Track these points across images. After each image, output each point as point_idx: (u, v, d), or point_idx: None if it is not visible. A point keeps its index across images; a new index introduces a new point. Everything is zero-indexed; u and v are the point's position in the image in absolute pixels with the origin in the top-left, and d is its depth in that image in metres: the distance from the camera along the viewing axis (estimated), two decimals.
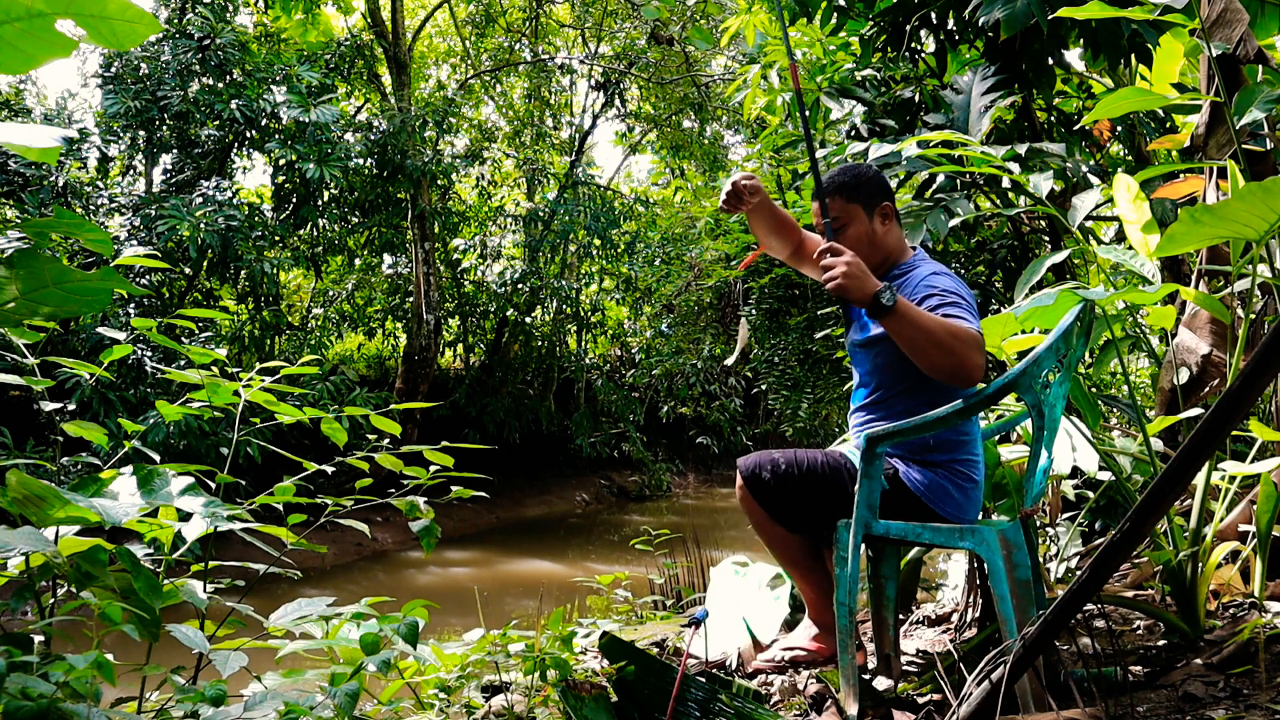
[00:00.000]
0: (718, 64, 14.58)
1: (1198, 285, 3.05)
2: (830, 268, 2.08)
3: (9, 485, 1.20)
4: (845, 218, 2.39)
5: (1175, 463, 1.34)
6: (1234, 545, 2.43)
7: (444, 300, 12.88)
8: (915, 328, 2.05)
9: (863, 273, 2.06)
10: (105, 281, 1.28)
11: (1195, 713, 1.89)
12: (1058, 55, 3.85)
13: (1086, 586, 1.46)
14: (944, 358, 2.05)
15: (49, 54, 1.11)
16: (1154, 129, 4.51)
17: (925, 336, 2.05)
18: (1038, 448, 2.04)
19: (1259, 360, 1.23)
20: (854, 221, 2.39)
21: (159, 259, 5.01)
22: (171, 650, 1.41)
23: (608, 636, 1.79)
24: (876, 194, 2.42)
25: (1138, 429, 2.67)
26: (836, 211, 2.40)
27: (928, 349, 2.06)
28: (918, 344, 2.06)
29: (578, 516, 12.78)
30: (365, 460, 1.83)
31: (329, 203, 10.93)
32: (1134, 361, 5.35)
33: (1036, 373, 2.03)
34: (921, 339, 2.05)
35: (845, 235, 2.37)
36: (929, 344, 2.05)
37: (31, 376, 1.53)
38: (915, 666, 2.60)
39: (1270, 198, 1.85)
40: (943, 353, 2.04)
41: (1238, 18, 2.82)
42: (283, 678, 1.50)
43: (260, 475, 8.19)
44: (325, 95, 10.06)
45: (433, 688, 1.91)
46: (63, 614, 1.34)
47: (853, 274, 2.06)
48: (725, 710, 1.66)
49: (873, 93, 4.33)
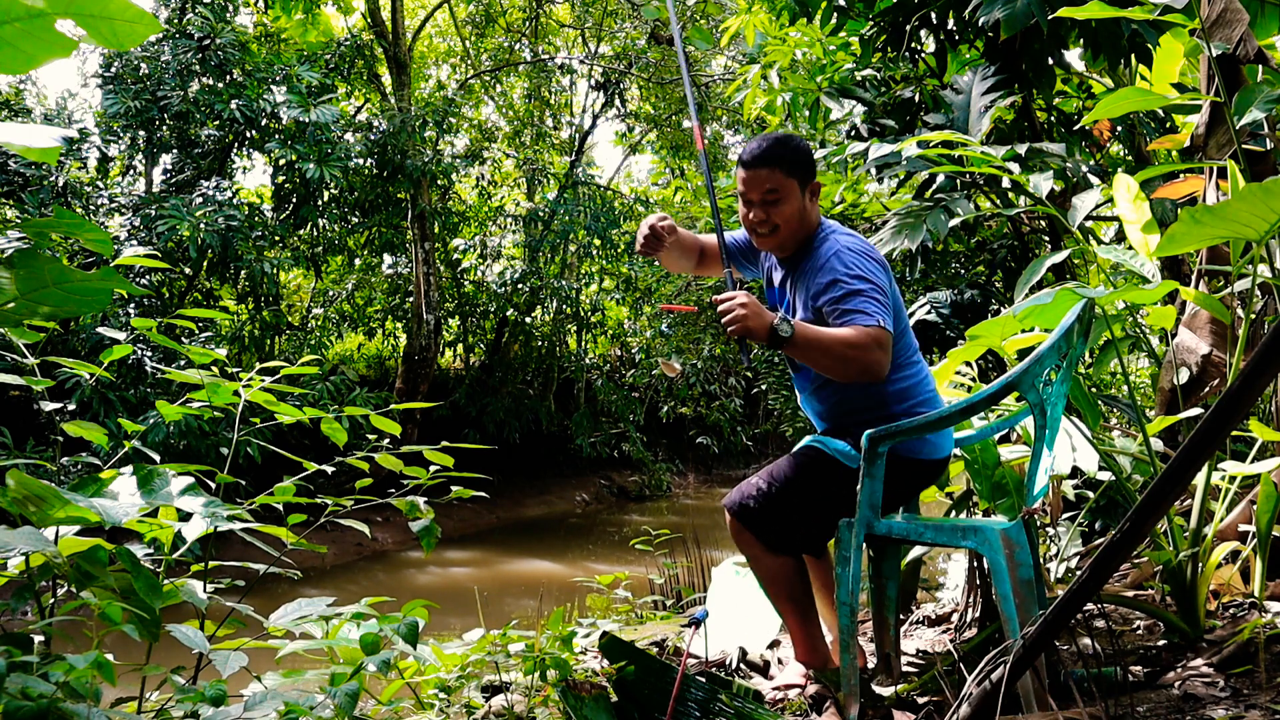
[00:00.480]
0: (718, 64, 14.58)
1: (1198, 285, 3.05)
2: (728, 312, 2.12)
3: (9, 485, 1.20)
4: (782, 191, 2.33)
5: (1175, 463, 1.34)
6: (1234, 545, 2.43)
7: (444, 300, 12.88)
8: (814, 350, 2.12)
9: (758, 310, 2.11)
10: (105, 281, 1.28)
11: (1195, 713, 1.89)
12: (1058, 55, 3.85)
13: (1086, 586, 1.46)
14: (845, 369, 2.13)
15: (49, 54, 1.11)
16: (1154, 129, 4.51)
17: (824, 355, 2.12)
18: (1039, 446, 2.04)
19: (1259, 360, 1.23)
20: (789, 197, 2.34)
21: (159, 259, 5.02)
22: (171, 650, 1.41)
23: (608, 636, 1.80)
24: (810, 170, 2.38)
25: (1138, 429, 2.67)
26: (774, 184, 2.33)
27: (829, 365, 2.15)
28: (820, 363, 2.15)
29: (578, 516, 12.77)
30: (365, 460, 1.83)
31: (329, 203, 10.93)
32: (1134, 361, 5.35)
33: (1038, 371, 2.03)
34: (821, 358, 2.13)
35: (779, 209, 2.33)
36: (829, 360, 2.13)
37: (31, 376, 1.53)
38: (915, 666, 2.60)
39: (1270, 198, 1.85)
40: (843, 365, 2.12)
41: (1238, 18, 2.82)
42: (283, 678, 1.50)
43: (260, 475, 8.20)
44: (325, 95, 10.06)
45: (433, 688, 1.90)
46: (63, 614, 1.34)
47: (750, 313, 2.10)
48: (725, 710, 1.66)
49: (873, 93, 4.32)
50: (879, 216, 5.46)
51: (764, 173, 2.33)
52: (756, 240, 2.42)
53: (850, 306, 2.17)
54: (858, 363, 2.11)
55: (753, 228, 2.39)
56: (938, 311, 4.70)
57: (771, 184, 2.33)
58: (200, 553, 1.58)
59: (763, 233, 2.37)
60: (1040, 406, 2.03)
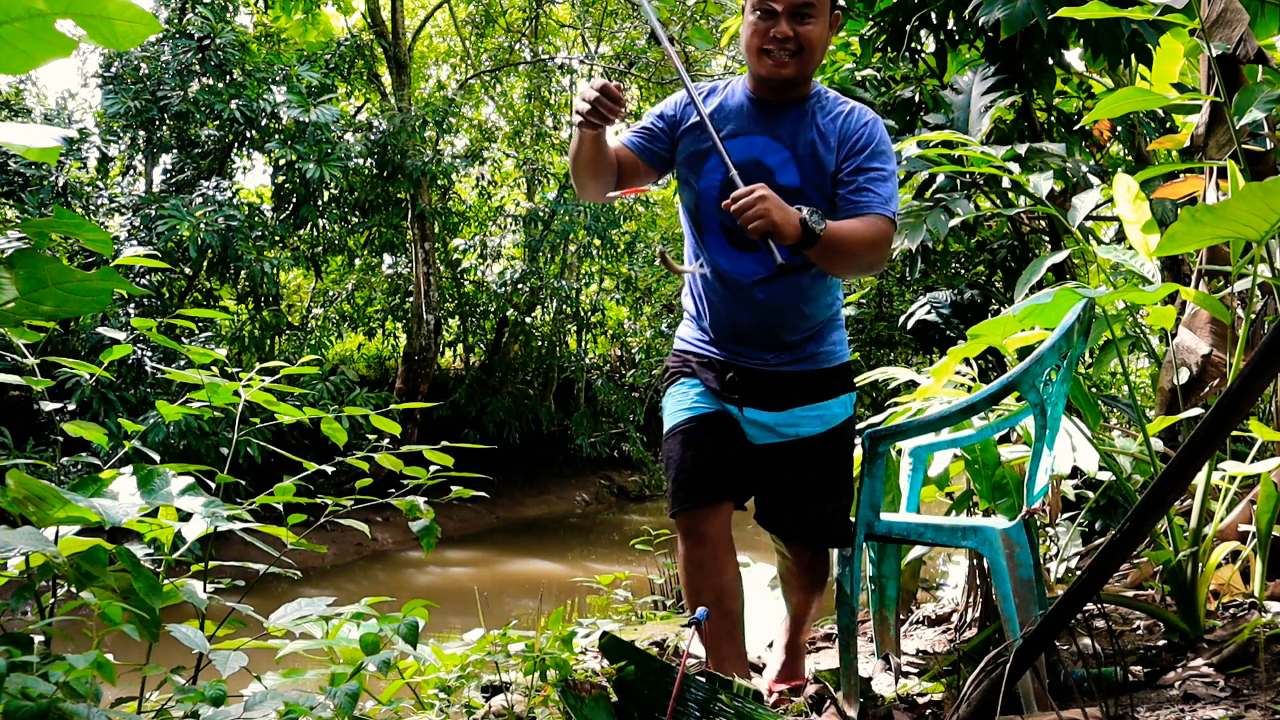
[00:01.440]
0: (718, 64, 14.58)
1: (1198, 285, 3.05)
2: (749, 207, 1.80)
3: (9, 485, 1.20)
4: (818, 7, 1.97)
5: (1175, 463, 1.34)
6: (1234, 545, 2.43)
7: (444, 300, 12.87)
8: (837, 251, 1.90)
9: (779, 202, 1.82)
10: (105, 281, 1.28)
11: (1195, 713, 1.89)
12: (1058, 55, 3.85)
13: (1086, 586, 1.46)
14: (856, 268, 2.01)
15: (49, 54, 1.11)
16: (1154, 129, 4.51)
17: (845, 256, 1.92)
18: (1039, 446, 2.04)
19: (1259, 360, 1.23)
20: (822, 16, 1.98)
21: (159, 259, 5.02)
22: (171, 650, 1.41)
23: (608, 636, 1.79)
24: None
25: (1138, 429, 2.67)
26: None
27: (843, 265, 1.97)
28: (834, 262, 1.95)
29: (578, 516, 12.77)
30: (365, 460, 1.83)
31: (329, 203, 10.92)
32: (1134, 361, 5.35)
33: (1039, 371, 2.03)
34: (841, 259, 1.93)
35: (810, 27, 1.97)
36: (847, 262, 1.95)
37: (31, 376, 1.53)
38: (915, 666, 2.60)
39: (1270, 198, 1.85)
40: (856, 266, 1.99)
41: (1238, 18, 2.82)
42: (283, 678, 1.50)
43: (260, 475, 8.18)
44: (325, 95, 10.06)
45: (433, 688, 1.90)
46: (63, 614, 1.34)
47: (773, 205, 1.81)
48: (725, 710, 1.66)
49: (873, 93, 4.32)
50: None
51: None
52: (767, 66, 2.00)
53: (881, 191, 1.97)
54: (869, 264, 1.98)
55: (766, 49, 1.98)
56: (938, 311, 4.70)
57: None
58: (200, 553, 1.58)
59: (781, 56, 1.98)
60: (1040, 406, 2.03)
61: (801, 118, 2.06)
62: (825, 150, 2.03)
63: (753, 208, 1.79)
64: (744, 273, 2.09)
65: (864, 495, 2.13)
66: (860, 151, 2.00)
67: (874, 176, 1.98)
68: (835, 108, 2.06)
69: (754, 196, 1.80)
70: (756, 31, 1.99)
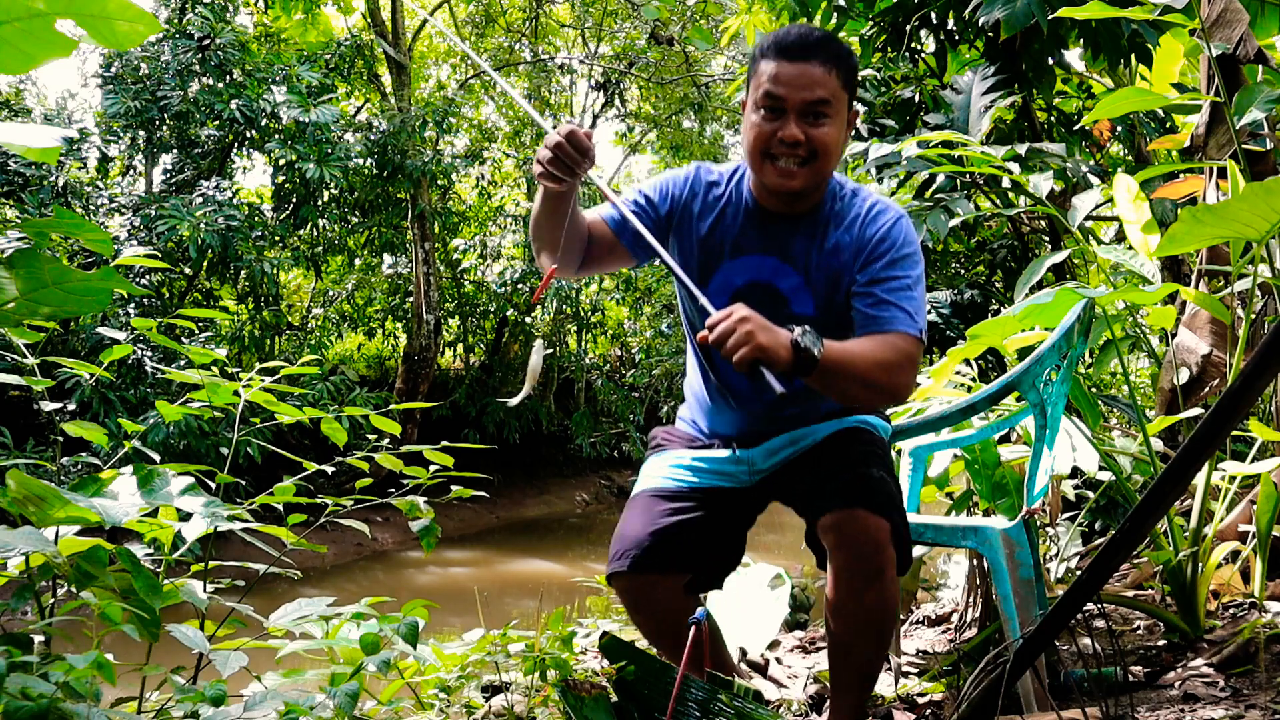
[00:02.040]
0: (718, 64, 14.58)
1: (1198, 285, 3.05)
2: (729, 334, 1.49)
3: (9, 485, 1.20)
4: (835, 106, 1.68)
5: (1175, 463, 1.34)
6: (1234, 545, 2.43)
7: (444, 300, 12.87)
8: (840, 376, 1.59)
9: (764, 323, 1.52)
10: (105, 281, 1.28)
11: (1195, 713, 1.89)
12: (1058, 55, 3.86)
13: (1086, 586, 1.46)
14: (872, 397, 1.68)
15: (49, 54, 1.11)
16: (1154, 129, 4.51)
17: (850, 382, 1.61)
18: (1039, 446, 2.04)
19: (1259, 360, 1.23)
20: (838, 116, 1.69)
21: (159, 259, 5.02)
22: (171, 650, 1.41)
23: (608, 636, 1.79)
24: (855, 86, 1.77)
25: (1138, 429, 2.67)
26: (828, 91, 1.66)
27: (856, 394, 1.65)
28: (840, 390, 1.64)
29: (578, 516, 12.77)
30: (365, 460, 1.83)
31: (329, 203, 10.92)
32: (1134, 361, 5.35)
33: (1039, 371, 2.03)
34: (846, 385, 1.61)
35: (823, 130, 1.67)
36: (855, 389, 1.63)
37: (31, 376, 1.53)
38: (915, 666, 2.60)
39: (1270, 198, 1.85)
40: (868, 392, 1.66)
41: (1238, 18, 2.82)
42: (283, 678, 1.50)
43: (260, 475, 8.16)
44: (325, 95, 10.06)
45: (433, 688, 1.90)
46: (63, 614, 1.34)
47: (757, 327, 1.51)
48: (725, 710, 1.66)
49: (873, 93, 4.32)
50: None
51: (818, 71, 1.65)
52: (772, 176, 1.72)
53: (903, 304, 1.68)
54: (887, 390, 1.65)
55: (771, 153, 1.70)
56: (938, 311, 4.70)
57: (827, 91, 1.66)
58: (200, 553, 1.58)
59: (790, 164, 1.69)
60: (1041, 406, 2.03)
61: (815, 230, 1.78)
62: (843, 268, 1.76)
63: (733, 334, 1.50)
64: (752, 387, 1.84)
65: None
66: (878, 258, 1.72)
67: (893, 286, 1.70)
68: (852, 210, 1.78)
69: (732, 321, 1.50)
70: (760, 134, 1.69)
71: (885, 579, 1.64)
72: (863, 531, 1.63)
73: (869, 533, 1.62)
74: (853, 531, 1.63)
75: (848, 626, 1.69)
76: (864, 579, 1.64)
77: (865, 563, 1.64)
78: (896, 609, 1.78)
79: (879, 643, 1.71)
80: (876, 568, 1.63)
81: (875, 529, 1.62)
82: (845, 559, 1.65)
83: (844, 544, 1.65)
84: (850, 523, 1.63)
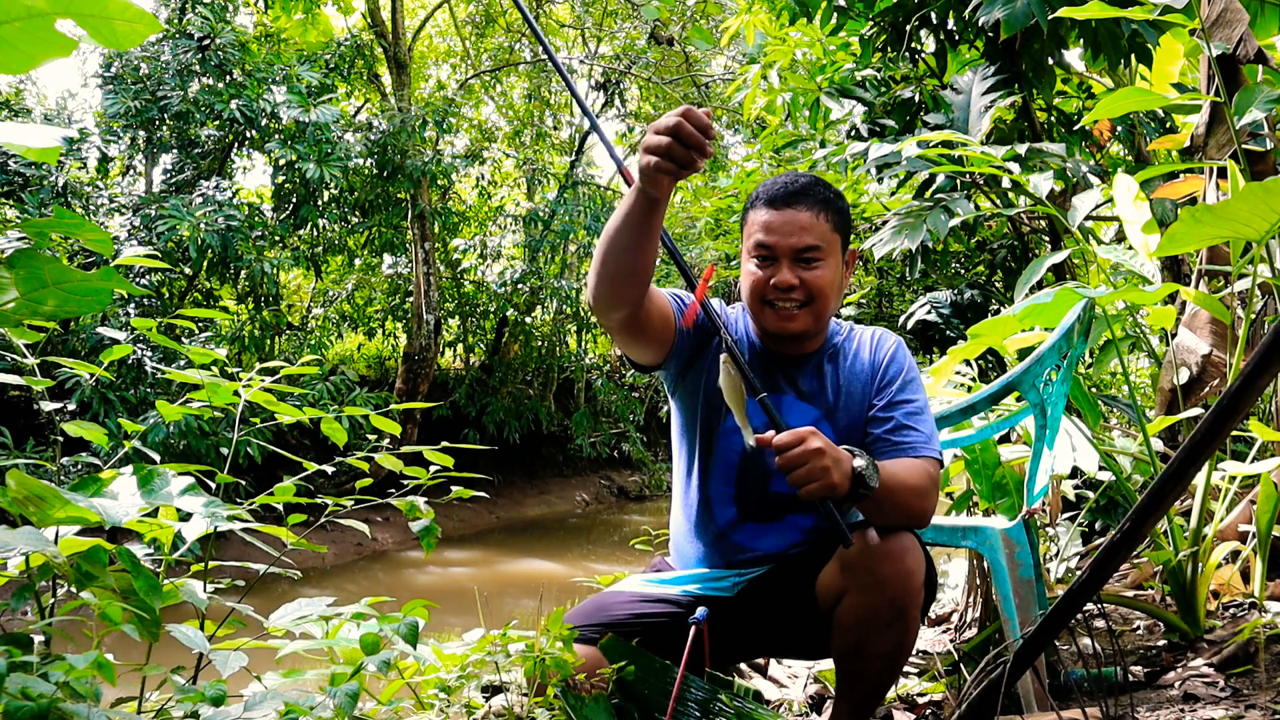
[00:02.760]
0: (718, 64, 14.58)
1: (1198, 285, 3.05)
2: (800, 463, 1.43)
3: (9, 485, 1.20)
4: (827, 249, 1.71)
5: (1175, 463, 1.34)
6: (1234, 545, 2.43)
7: (444, 300, 12.88)
8: (886, 502, 1.56)
9: (837, 455, 1.48)
10: (105, 281, 1.28)
11: (1195, 713, 1.89)
12: (1058, 55, 3.86)
13: (1086, 586, 1.46)
14: (901, 520, 1.62)
15: (49, 54, 1.11)
16: (1154, 129, 4.51)
17: (893, 507, 1.59)
18: (1039, 446, 2.05)
19: (1259, 360, 1.23)
20: (830, 258, 1.72)
21: (159, 259, 5.02)
22: (171, 650, 1.41)
23: (608, 636, 1.79)
24: (850, 231, 1.79)
25: (1138, 429, 2.67)
26: (819, 236, 1.70)
27: (893, 515, 1.60)
28: (884, 515, 1.60)
29: (578, 516, 12.77)
30: (365, 460, 1.83)
31: (329, 203, 10.92)
32: (1134, 361, 5.35)
33: (1039, 371, 2.03)
34: (890, 510, 1.59)
35: (818, 273, 1.71)
36: (896, 513, 1.60)
37: (31, 376, 1.53)
38: (915, 666, 2.60)
39: (1270, 198, 1.85)
40: (904, 516, 1.62)
41: (1238, 18, 2.82)
42: (283, 678, 1.50)
43: (260, 475, 8.16)
44: (325, 95, 10.06)
45: (433, 688, 1.90)
46: (63, 614, 1.34)
47: (831, 461, 1.45)
48: (725, 710, 1.66)
49: (873, 93, 4.33)
50: (879, 216, 5.46)
51: (805, 216, 1.69)
52: (772, 320, 1.73)
53: (921, 428, 1.70)
54: (918, 516, 1.62)
55: (768, 299, 1.72)
56: (938, 311, 4.70)
57: (816, 236, 1.69)
58: (200, 553, 1.58)
59: (787, 306, 1.71)
60: (1041, 406, 2.03)
61: (823, 366, 1.79)
62: (862, 394, 1.76)
63: (805, 464, 1.43)
64: (765, 548, 1.79)
65: None
66: (891, 382, 1.74)
67: (911, 411, 1.71)
68: (855, 342, 1.82)
69: (805, 449, 1.43)
70: (756, 281, 1.72)
71: (911, 614, 1.62)
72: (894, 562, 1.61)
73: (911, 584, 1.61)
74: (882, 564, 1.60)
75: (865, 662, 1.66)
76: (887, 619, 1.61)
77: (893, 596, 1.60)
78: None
79: (893, 671, 1.70)
80: (911, 605, 1.61)
81: (912, 579, 1.61)
82: (870, 597, 1.61)
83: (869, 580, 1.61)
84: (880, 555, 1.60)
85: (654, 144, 1.40)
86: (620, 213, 1.50)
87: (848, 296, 7.23)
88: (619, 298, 1.56)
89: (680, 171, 1.42)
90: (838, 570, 1.64)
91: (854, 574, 1.60)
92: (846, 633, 1.63)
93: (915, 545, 1.62)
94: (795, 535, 1.79)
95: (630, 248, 1.50)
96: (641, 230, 1.48)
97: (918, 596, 1.61)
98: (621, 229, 1.50)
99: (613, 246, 1.51)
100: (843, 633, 1.63)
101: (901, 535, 1.61)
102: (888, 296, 7.25)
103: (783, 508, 1.78)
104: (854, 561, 1.59)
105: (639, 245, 1.50)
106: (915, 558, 1.60)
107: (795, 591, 1.72)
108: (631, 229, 1.48)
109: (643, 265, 1.52)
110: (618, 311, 1.59)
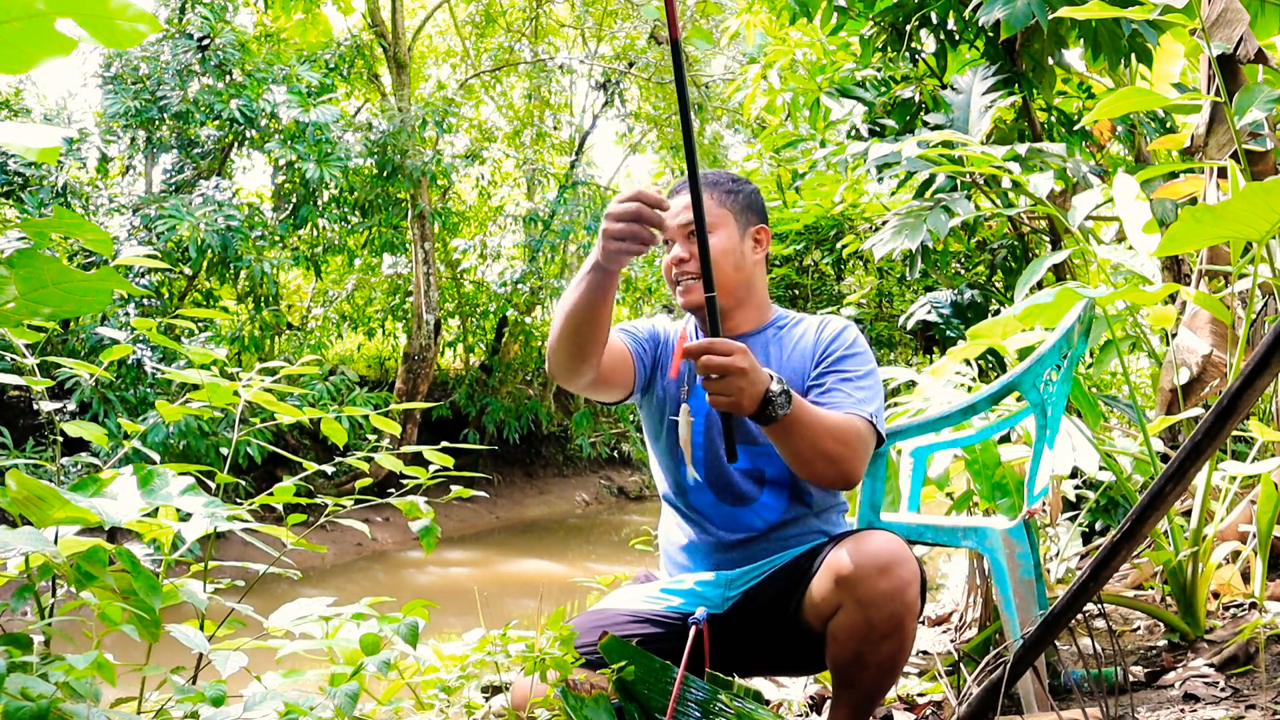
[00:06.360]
0: (718, 64, 14.58)
1: (1198, 285, 3.05)
2: (721, 372, 1.49)
3: (9, 485, 1.20)
4: (714, 221, 1.80)
5: (1175, 463, 1.34)
6: (1234, 545, 2.43)
7: (444, 300, 12.88)
8: (802, 434, 1.60)
9: (755, 382, 1.52)
10: (105, 281, 1.28)
11: (1195, 713, 1.89)
12: (1058, 55, 3.86)
13: (1086, 586, 1.46)
14: (825, 467, 1.65)
15: (49, 54, 1.11)
16: (1154, 129, 4.51)
17: (810, 443, 1.62)
18: (1040, 446, 2.04)
19: (1259, 360, 1.23)
20: (721, 228, 1.82)
21: (159, 259, 5.01)
22: (171, 650, 1.41)
23: (608, 636, 1.79)
24: (754, 210, 1.88)
25: (1138, 429, 2.67)
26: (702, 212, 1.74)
27: (807, 457, 1.64)
28: (797, 451, 1.63)
29: (578, 516, 12.77)
30: (365, 460, 1.83)
31: (329, 203, 10.92)
32: (1134, 361, 5.35)
33: (1039, 372, 2.03)
34: (805, 446, 1.62)
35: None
36: (812, 452, 1.63)
37: (31, 376, 1.53)
38: (915, 666, 2.60)
39: (1271, 198, 1.85)
40: (825, 461, 1.64)
41: (1238, 18, 2.82)
42: (283, 678, 1.50)
43: (260, 475, 8.16)
44: (325, 95, 10.06)
45: (433, 688, 1.90)
46: (63, 614, 1.34)
47: (749, 382, 1.50)
48: (725, 710, 1.66)
49: (873, 93, 4.33)
50: (879, 216, 5.46)
51: (688, 199, 1.70)
52: (681, 297, 1.86)
53: (852, 391, 1.74)
54: (844, 462, 1.65)
55: (674, 275, 1.85)
56: (938, 311, 4.70)
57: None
58: (200, 553, 1.58)
59: (687, 281, 1.82)
60: (1041, 407, 2.03)
61: (768, 348, 1.87)
62: (798, 376, 1.82)
63: (725, 374, 1.49)
64: (744, 527, 1.87)
65: (864, 495, 2.13)
66: (830, 354, 1.80)
67: (846, 376, 1.76)
68: (801, 327, 1.89)
69: (730, 360, 1.49)
70: (664, 266, 1.87)
71: (909, 628, 1.63)
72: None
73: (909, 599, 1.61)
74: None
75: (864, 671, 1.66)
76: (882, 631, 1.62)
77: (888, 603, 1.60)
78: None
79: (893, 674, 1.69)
80: (909, 620, 1.62)
81: (909, 594, 1.60)
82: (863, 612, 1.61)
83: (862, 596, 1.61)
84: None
85: (617, 230, 1.51)
86: (580, 289, 1.61)
87: (847, 298, 7.23)
88: (585, 363, 1.68)
89: (643, 249, 1.52)
90: (831, 584, 1.63)
91: (848, 588, 1.60)
92: (843, 646, 1.63)
93: (908, 556, 1.62)
94: (773, 515, 1.85)
95: (592, 319, 1.62)
96: (603, 301, 1.61)
97: (914, 608, 1.61)
98: (583, 303, 1.61)
99: (575, 320, 1.62)
100: (839, 646, 1.64)
101: (893, 546, 1.62)
102: (888, 296, 7.26)
103: (754, 485, 1.85)
104: (847, 575, 1.60)
105: (600, 315, 1.62)
106: (910, 569, 1.61)
107: (784, 608, 1.75)
108: (594, 303, 1.60)
109: (604, 329, 1.66)
110: (584, 375, 1.71)
